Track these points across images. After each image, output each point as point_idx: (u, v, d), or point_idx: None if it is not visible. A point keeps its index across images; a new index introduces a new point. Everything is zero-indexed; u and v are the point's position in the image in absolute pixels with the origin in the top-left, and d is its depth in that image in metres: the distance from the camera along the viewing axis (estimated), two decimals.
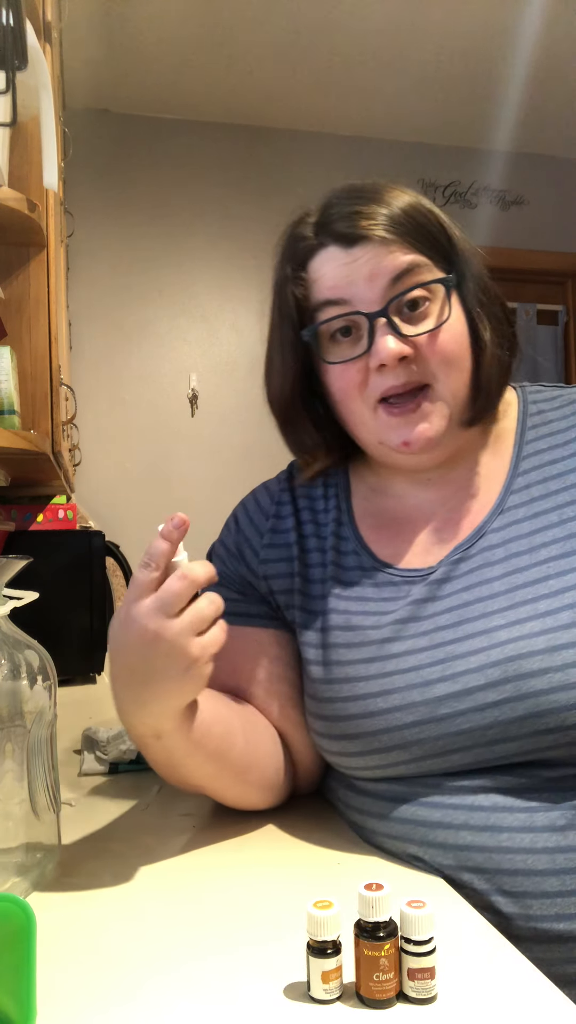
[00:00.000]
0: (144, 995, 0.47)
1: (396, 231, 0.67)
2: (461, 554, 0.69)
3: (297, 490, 0.82)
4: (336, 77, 2.79)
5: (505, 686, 0.61)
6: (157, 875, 0.64)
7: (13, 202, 1.16)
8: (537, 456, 0.73)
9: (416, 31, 2.55)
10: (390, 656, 0.67)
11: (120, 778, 0.89)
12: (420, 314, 0.68)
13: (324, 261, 0.70)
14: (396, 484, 0.77)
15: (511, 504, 0.70)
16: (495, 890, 0.60)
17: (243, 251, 3.03)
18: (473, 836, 0.61)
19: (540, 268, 3.42)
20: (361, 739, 0.66)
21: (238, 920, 0.56)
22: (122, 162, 2.95)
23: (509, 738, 0.61)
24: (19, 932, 0.42)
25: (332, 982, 0.46)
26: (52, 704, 0.64)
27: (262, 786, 0.74)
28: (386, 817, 0.66)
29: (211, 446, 2.95)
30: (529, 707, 0.60)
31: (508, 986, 0.47)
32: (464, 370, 0.70)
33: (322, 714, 0.70)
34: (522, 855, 0.59)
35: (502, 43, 2.64)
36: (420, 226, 0.69)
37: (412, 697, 0.64)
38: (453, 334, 0.69)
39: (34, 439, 1.12)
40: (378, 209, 0.68)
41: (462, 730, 0.62)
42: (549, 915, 0.58)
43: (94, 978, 0.49)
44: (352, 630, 0.70)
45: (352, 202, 0.70)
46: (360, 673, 0.68)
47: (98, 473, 2.81)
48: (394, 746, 0.64)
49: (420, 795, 0.64)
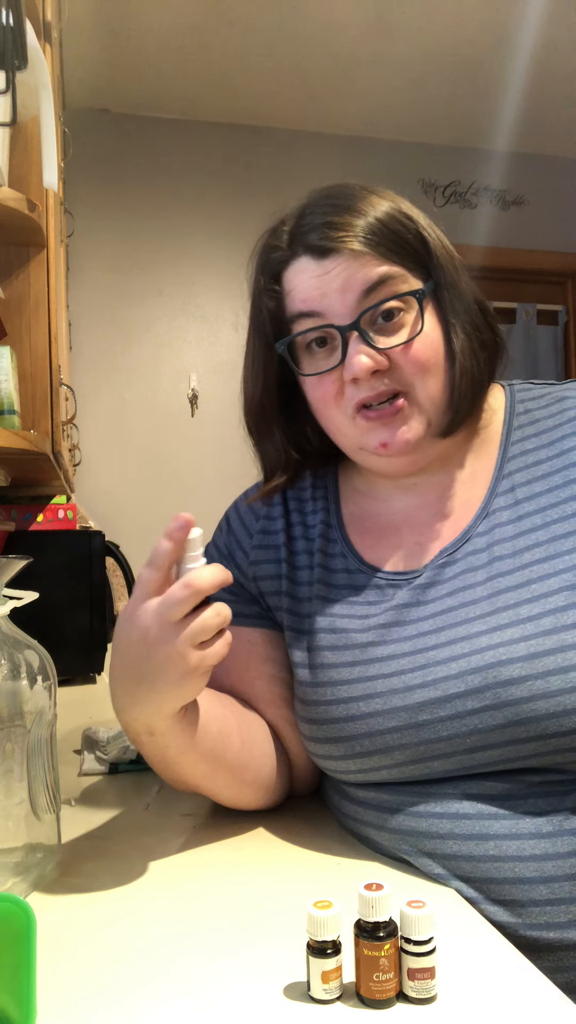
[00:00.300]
0: (144, 995, 0.47)
1: (369, 242, 0.67)
2: (446, 558, 0.69)
3: (288, 492, 0.81)
4: (336, 77, 2.79)
5: (485, 693, 0.60)
6: (157, 875, 0.64)
7: (13, 202, 1.16)
8: (523, 456, 0.72)
9: (416, 31, 2.55)
10: (373, 660, 0.67)
11: (120, 778, 0.89)
12: (394, 324, 0.68)
13: (296, 272, 0.70)
14: (382, 488, 0.77)
15: (496, 507, 0.70)
16: (485, 899, 0.59)
17: (243, 251, 2.98)
18: (460, 845, 0.61)
19: (540, 268, 3.42)
20: (344, 743, 0.66)
21: (238, 920, 0.56)
22: (122, 162, 2.95)
23: (490, 745, 0.60)
24: (19, 932, 0.42)
25: (332, 982, 0.46)
26: (52, 704, 0.64)
27: (257, 786, 0.74)
28: (376, 826, 0.66)
29: (211, 446, 2.95)
30: (508, 716, 0.59)
31: (508, 986, 0.47)
32: (440, 376, 0.69)
33: (308, 716, 0.70)
34: (510, 863, 0.59)
35: (502, 43, 2.64)
36: (395, 235, 0.68)
37: (393, 702, 0.64)
38: (428, 343, 0.68)
39: (34, 439, 1.12)
40: (352, 220, 0.68)
41: (442, 737, 0.62)
42: (539, 923, 0.58)
43: (94, 978, 0.49)
44: (336, 633, 0.70)
45: (326, 212, 0.69)
46: (344, 677, 0.67)
47: (98, 473, 2.81)
48: (376, 751, 0.64)
49: (407, 804, 0.64)
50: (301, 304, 0.69)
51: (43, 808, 0.62)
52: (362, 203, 0.69)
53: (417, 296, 0.68)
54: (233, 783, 0.72)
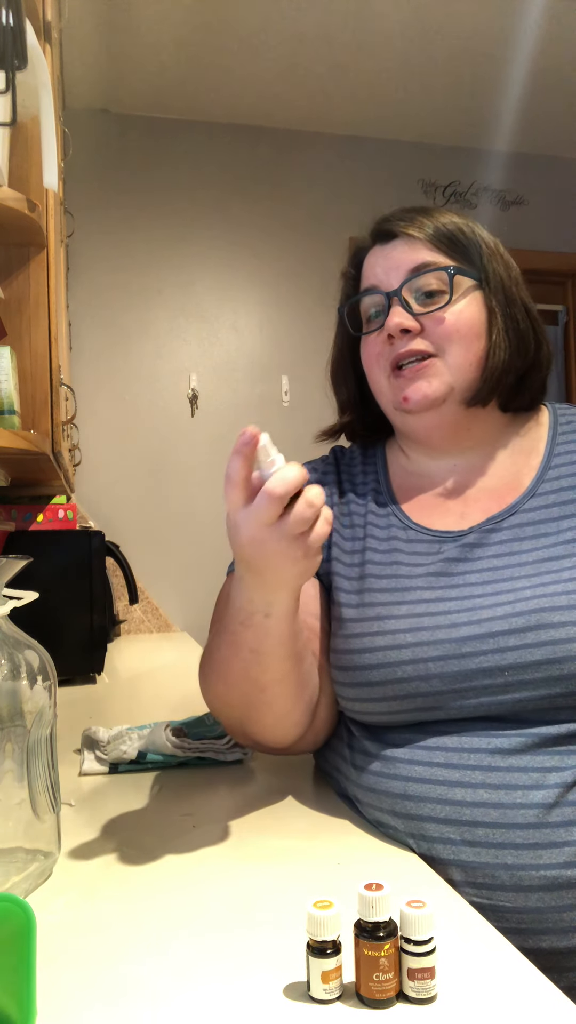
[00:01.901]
0: (144, 995, 0.47)
1: (426, 233, 0.80)
2: (493, 525, 0.76)
3: (340, 463, 0.92)
4: (336, 77, 2.79)
5: (527, 633, 0.66)
6: (157, 875, 0.64)
7: (13, 202, 1.16)
8: (567, 456, 0.80)
9: (416, 31, 2.55)
10: (421, 601, 0.73)
11: (120, 778, 0.89)
12: (434, 301, 0.79)
13: (368, 257, 0.85)
14: (424, 464, 0.85)
15: (543, 491, 0.78)
16: (476, 848, 0.64)
17: (243, 251, 3.03)
18: (489, 794, 0.64)
19: (540, 268, 3.41)
20: (384, 669, 0.71)
21: (238, 920, 0.56)
22: (122, 162, 2.95)
23: (524, 682, 0.66)
24: (19, 932, 0.42)
25: (332, 982, 0.46)
26: (52, 704, 0.64)
27: (305, 709, 0.77)
28: (401, 778, 0.69)
29: (211, 446, 2.94)
30: (547, 652, 0.65)
31: (508, 986, 0.47)
32: (472, 351, 0.79)
33: (350, 649, 0.75)
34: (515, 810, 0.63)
35: (502, 43, 2.64)
36: (451, 235, 0.81)
37: (439, 635, 0.69)
38: (462, 318, 0.79)
39: (34, 439, 1.12)
40: (417, 216, 0.82)
41: (482, 668, 0.67)
42: (552, 862, 0.61)
43: (94, 978, 0.49)
44: (386, 578, 0.77)
45: (400, 212, 0.84)
46: (392, 612, 0.73)
47: (98, 473, 2.81)
48: (417, 677, 0.69)
49: (419, 756, 0.68)
50: (365, 280, 0.84)
51: (43, 808, 0.62)
52: (432, 210, 0.83)
53: (449, 272, 0.79)
54: (293, 695, 0.75)
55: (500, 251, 0.84)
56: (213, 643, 0.77)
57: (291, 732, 0.78)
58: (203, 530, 2.82)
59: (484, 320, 0.80)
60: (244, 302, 3.04)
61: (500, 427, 0.84)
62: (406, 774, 0.68)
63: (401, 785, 0.68)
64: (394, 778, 0.69)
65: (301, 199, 3.07)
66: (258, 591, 0.67)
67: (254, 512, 0.60)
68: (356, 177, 3.14)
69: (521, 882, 0.61)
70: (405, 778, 0.68)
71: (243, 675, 0.73)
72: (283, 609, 0.68)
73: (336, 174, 3.14)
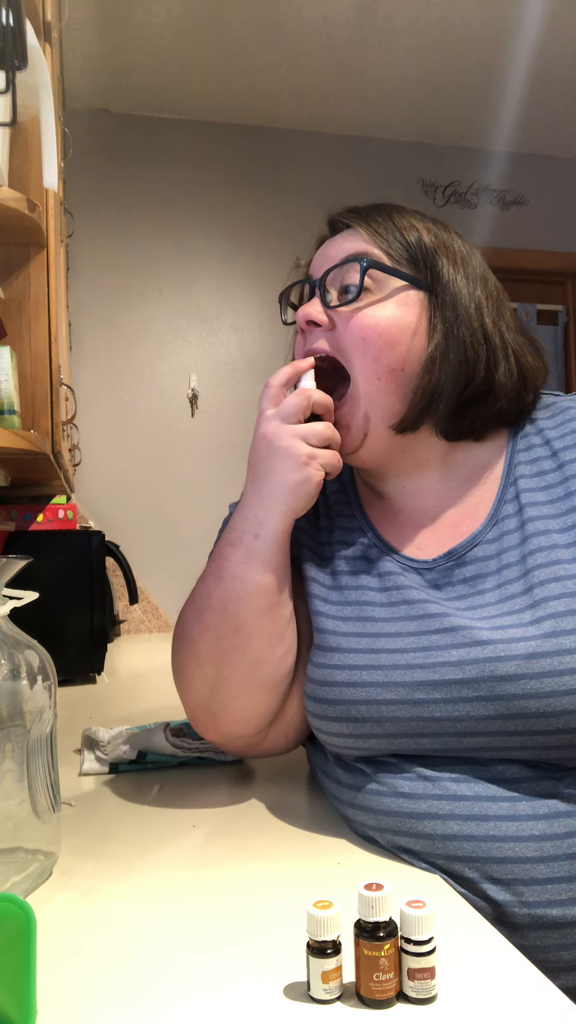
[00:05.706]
0: (144, 995, 0.47)
1: (371, 227, 0.74)
2: (455, 561, 0.72)
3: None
4: (336, 77, 2.79)
5: (480, 685, 0.63)
6: (157, 875, 0.64)
7: (13, 202, 1.16)
8: (529, 465, 0.75)
9: (415, 31, 2.55)
10: (380, 634, 0.70)
11: (120, 778, 0.89)
12: (359, 298, 0.72)
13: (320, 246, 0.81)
14: (377, 484, 0.82)
15: (504, 514, 0.73)
16: (485, 878, 0.60)
17: (243, 251, 3.03)
18: (460, 826, 0.62)
19: (540, 268, 3.41)
20: (341, 705, 0.68)
21: (238, 920, 0.56)
22: (122, 162, 2.95)
23: (478, 733, 0.63)
24: (19, 932, 0.42)
25: (332, 982, 0.46)
26: (52, 704, 0.64)
27: (265, 688, 0.74)
28: (375, 811, 0.67)
29: (211, 446, 2.94)
30: (499, 708, 0.62)
31: (508, 986, 0.47)
32: (381, 363, 0.71)
33: (311, 678, 0.73)
34: (509, 843, 0.60)
35: (502, 43, 2.63)
36: (402, 232, 0.74)
37: (394, 677, 0.66)
38: (376, 320, 0.71)
39: (34, 439, 1.12)
40: (368, 210, 0.76)
41: (434, 717, 0.64)
42: (541, 901, 0.59)
43: (94, 978, 0.49)
44: (350, 604, 0.74)
45: (365, 206, 0.78)
46: (352, 645, 0.70)
47: (98, 473, 2.81)
48: (370, 718, 0.67)
49: (403, 788, 0.65)
50: (310, 268, 0.80)
51: (43, 808, 0.62)
52: (388, 207, 0.77)
53: (362, 264, 0.72)
54: (266, 644, 0.73)
55: (476, 268, 0.75)
56: (197, 584, 0.77)
57: (259, 709, 0.75)
58: (203, 530, 2.81)
59: (409, 329, 0.71)
60: (244, 302, 3.04)
61: (443, 449, 0.77)
62: (375, 806, 0.66)
63: (373, 817, 0.67)
64: (365, 809, 0.68)
65: (301, 199, 3.07)
66: (252, 507, 0.72)
67: (281, 409, 0.70)
68: (356, 177, 3.14)
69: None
70: (375, 810, 0.66)
71: (221, 608, 0.72)
72: (272, 532, 0.71)
73: (336, 174, 3.14)
